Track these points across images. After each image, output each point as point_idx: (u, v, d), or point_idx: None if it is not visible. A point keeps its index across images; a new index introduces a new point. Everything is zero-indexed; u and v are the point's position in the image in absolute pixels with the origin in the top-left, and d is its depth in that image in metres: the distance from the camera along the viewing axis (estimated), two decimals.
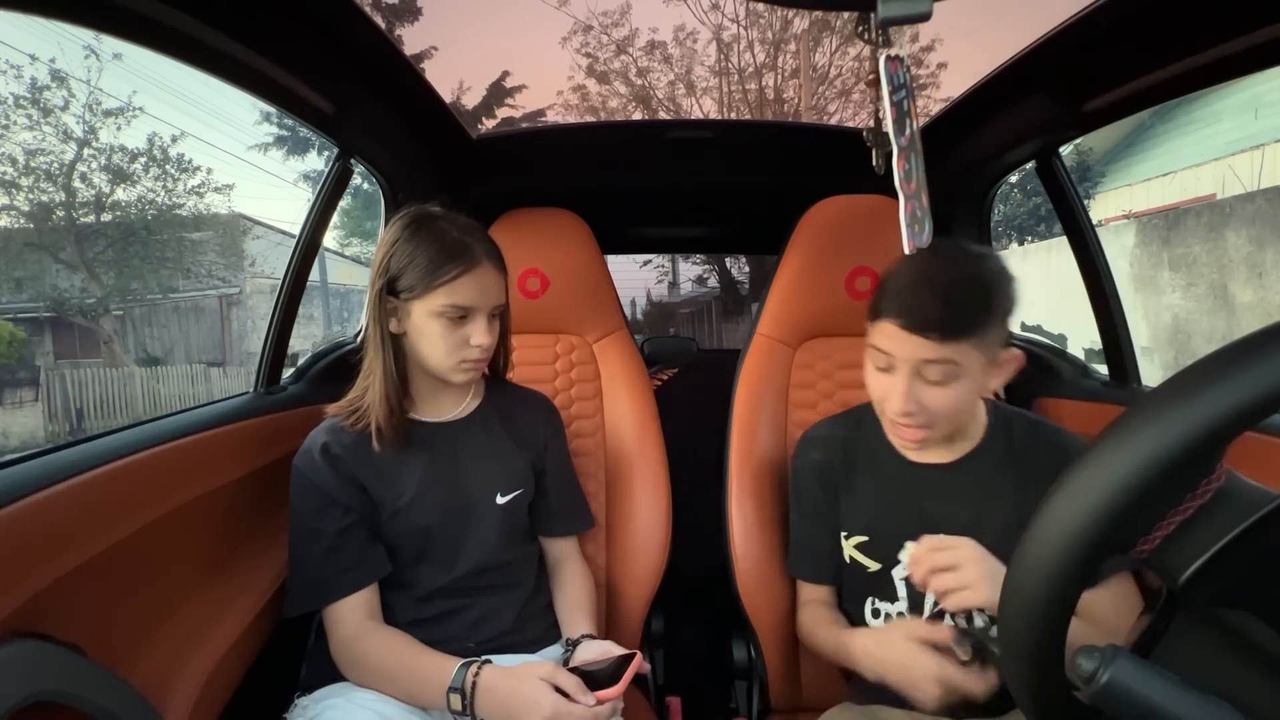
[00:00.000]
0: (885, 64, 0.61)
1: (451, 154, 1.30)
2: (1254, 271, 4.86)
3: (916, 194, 0.67)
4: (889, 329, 0.72)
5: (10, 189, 9.81)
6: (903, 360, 0.72)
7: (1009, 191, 10.60)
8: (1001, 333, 0.72)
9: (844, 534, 0.87)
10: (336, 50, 0.86)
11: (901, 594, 0.83)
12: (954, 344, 0.69)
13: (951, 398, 0.72)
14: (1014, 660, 0.38)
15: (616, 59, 11.29)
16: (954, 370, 0.70)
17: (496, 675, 0.72)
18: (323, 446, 0.82)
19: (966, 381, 0.71)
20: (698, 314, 11.80)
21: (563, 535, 0.99)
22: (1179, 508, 0.35)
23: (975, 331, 0.69)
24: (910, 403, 0.72)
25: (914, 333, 0.70)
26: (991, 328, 0.70)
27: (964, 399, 0.72)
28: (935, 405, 0.72)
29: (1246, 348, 0.30)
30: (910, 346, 0.71)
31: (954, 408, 0.73)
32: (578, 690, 0.71)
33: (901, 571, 0.82)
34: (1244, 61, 0.77)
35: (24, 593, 0.54)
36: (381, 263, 0.81)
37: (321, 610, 0.80)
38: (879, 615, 0.85)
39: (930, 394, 0.72)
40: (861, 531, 0.85)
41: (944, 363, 0.70)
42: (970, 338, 0.69)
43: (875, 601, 0.86)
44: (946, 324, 0.68)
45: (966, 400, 0.73)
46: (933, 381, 0.71)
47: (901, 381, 0.73)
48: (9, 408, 9.26)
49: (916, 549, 0.69)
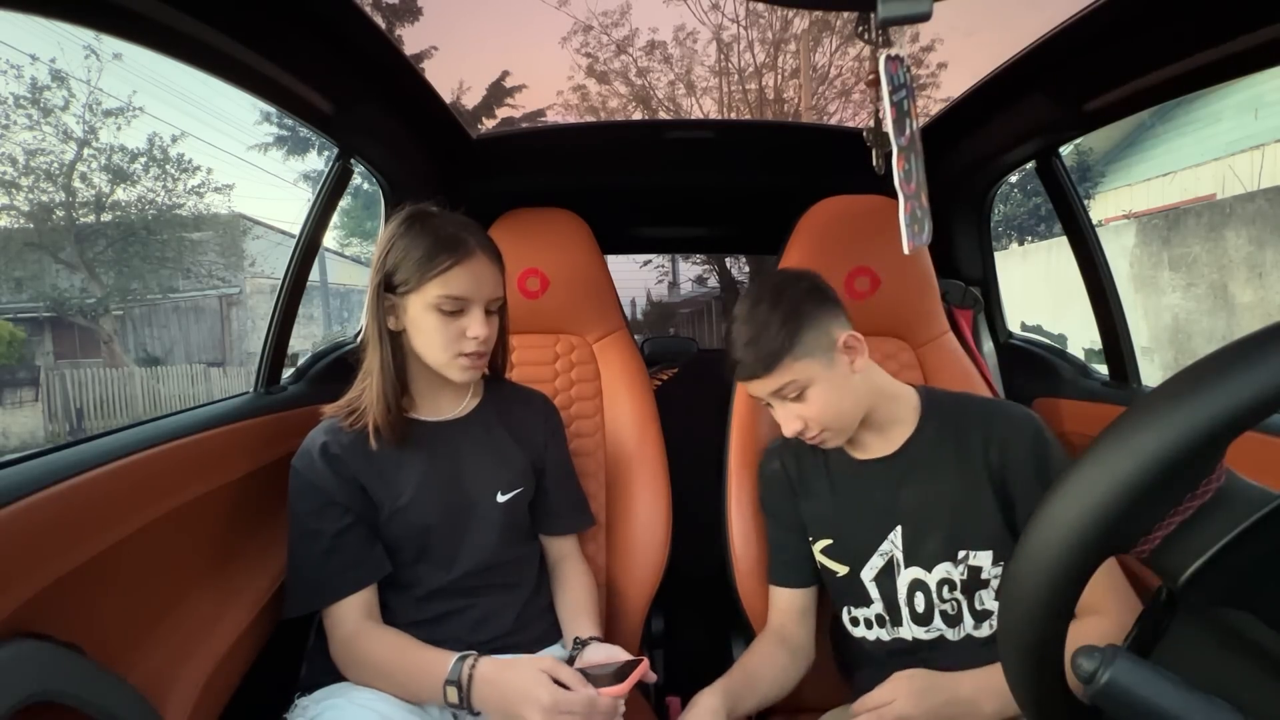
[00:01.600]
0: (885, 64, 0.61)
1: (451, 154, 1.30)
2: (1254, 271, 4.86)
3: (916, 194, 0.67)
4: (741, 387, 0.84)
5: (10, 189, 9.81)
6: (764, 398, 0.82)
7: (1009, 191, 10.60)
8: (817, 330, 0.78)
9: (811, 539, 0.89)
10: (336, 50, 0.86)
11: (874, 596, 0.84)
12: (774, 373, 0.77)
13: (819, 402, 0.79)
14: (1014, 660, 0.38)
15: (616, 59, 11.29)
16: (798, 384, 0.78)
17: (494, 667, 0.72)
18: (321, 447, 0.82)
19: (820, 385, 0.78)
20: (698, 314, 11.79)
21: (563, 533, 0.99)
22: (1179, 508, 0.35)
23: (785, 353, 0.77)
24: (793, 421, 0.80)
25: (748, 381, 0.80)
26: (797, 340, 0.77)
27: (832, 397, 0.79)
28: (812, 414, 0.79)
29: (1246, 348, 0.30)
30: (756, 391, 0.81)
31: (828, 407, 0.79)
32: (577, 682, 0.71)
33: (869, 573, 0.84)
34: (1244, 61, 0.77)
35: (24, 593, 0.54)
36: (379, 260, 0.81)
37: (321, 611, 0.80)
38: (859, 624, 0.86)
39: (801, 409, 0.79)
40: (826, 534, 0.87)
41: (786, 384, 0.78)
42: (782, 361, 0.77)
43: (852, 609, 0.86)
44: (757, 365, 0.78)
45: (837, 395, 0.79)
46: (794, 399, 0.79)
47: (778, 410, 0.82)
48: (9, 408, 9.25)
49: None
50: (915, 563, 0.81)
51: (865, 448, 0.87)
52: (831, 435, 0.81)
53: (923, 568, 0.81)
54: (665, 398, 1.27)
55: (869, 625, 0.85)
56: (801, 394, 0.79)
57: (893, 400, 0.85)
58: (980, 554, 0.79)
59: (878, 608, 0.84)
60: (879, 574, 0.83)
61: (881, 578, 0.83)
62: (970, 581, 0.79)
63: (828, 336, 0.79)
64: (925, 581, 0.81)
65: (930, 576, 0.80)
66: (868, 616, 0.85)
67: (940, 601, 0.80)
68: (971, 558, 0.79)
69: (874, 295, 1.10)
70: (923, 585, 0.81)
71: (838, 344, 0.79)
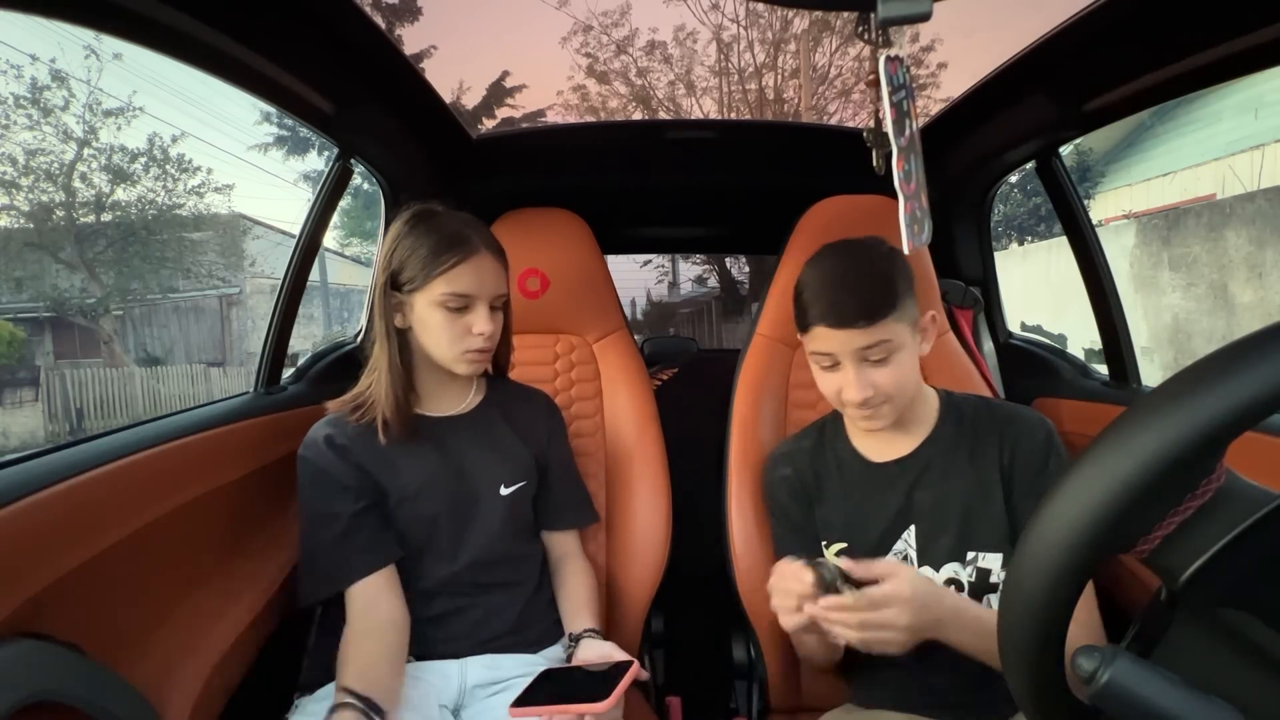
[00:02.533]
0: (885, 64, 0.61)
1: (451, 154, 1.30)
2: (1254, 271, 4.86)
3: (916, 194, 0.67)
4: (820, 331, 0.78)
5: (10, 189, 9.81)
6: (844, 354, 0.77)
7: (1009, 191, 10.60)
8: (913, 301, 0.78)
9: (824, 542, 0.88)
10: (336, 50, 0.86)
11: None
12: (881, 324, 0.75)
13: (897, 371, 0.77)
14: (1014, 660, 0.38)
15: (616, 59, 11.30)
16: (891, 346, 0.76)
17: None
18: (327, 437, 0.83)
19: (905, 353, 0.77)
20: (698, 314, 11.79)
21: (566, 528, 0.99)
22: (1179, 508, 0.35)
23: (892, 307, 0.75)
24: (865, 388, 0.77)
25: (843, 327, 0.76)
26: (901, 299, 0.76)
27: (908, 370, 0.78)
28: (885, 382, 0.77)
29: (1246, 348, 0.30)
30: (844, 340, 0.76)
31: (903, 379, 0.78)
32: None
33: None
34: (1244, 61, 0.77)
35: (24, 593, 0.54)
36: (385, 259, 0.83)
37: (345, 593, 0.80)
38: None
39: (878, 374, 0.77)
40: (839, 537, 0.86)
41: (880, 343, 0.76)
42: (893, 312, 0.75)
43: None
44: (868, 310, 0.75)
45: (910, 370, 0.78)
46: (876, 362, 0.77)
47: (850, 373, 0.77)
48: (9, 408, 9.26)
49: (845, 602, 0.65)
50: (927, 561, 0.81)
51: (880, 449, 0.86)
52: (889, 411, 0.79)
53: (933, 567, 0.81)
54: (665, 398, 1.27)
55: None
56: (887, 358, 0.76)
57: (921, 401, 0.85)
58: (990, 556, 0.79)
59: None
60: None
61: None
62: (979, 584, 0.79)
63: (915, 309, 0.79)
64: (934, 580, 0.81)
65: (938, 576, 0.80)
66: None
67: None
68: (981, 559, 0.79)
69: None
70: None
71: (921, 319, 0.80)
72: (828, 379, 0.81)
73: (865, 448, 0.87)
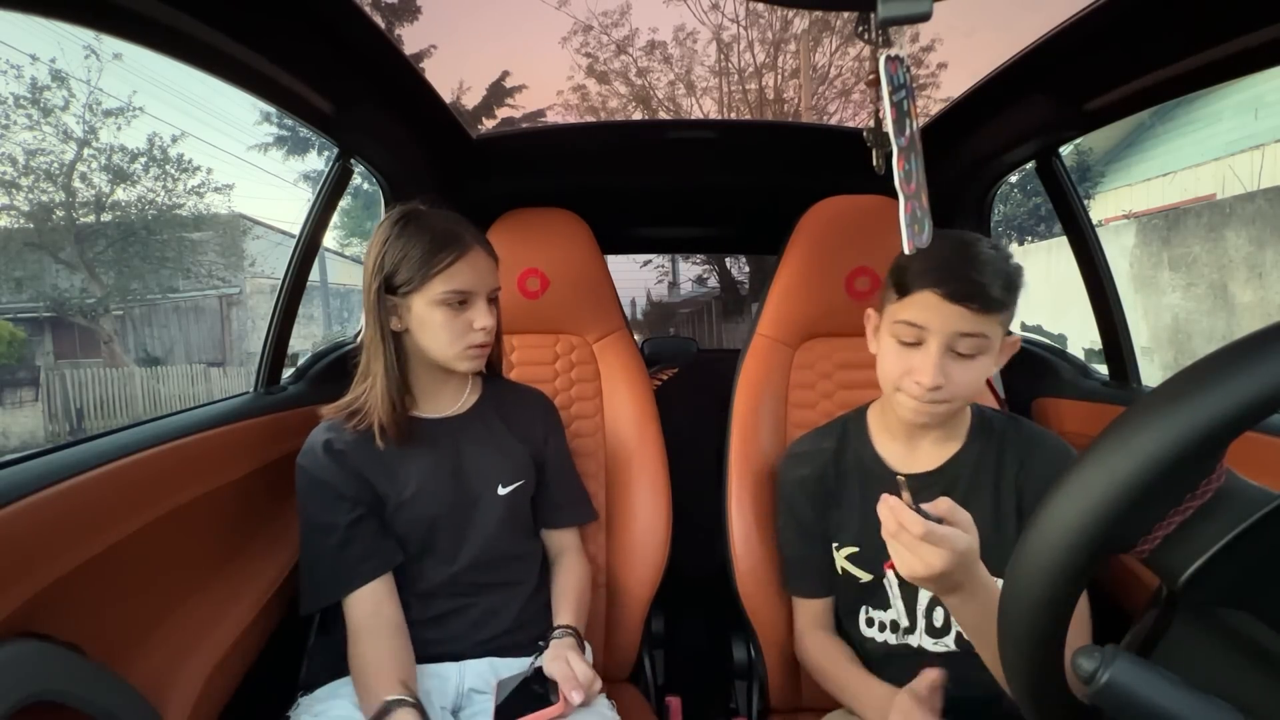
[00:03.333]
0: (885, 64, 0.61)
1: (451, 154, 1.30)
2: (1254, 271, 4.86)
3: (916, 194, 0.67)
4: (926, 299, 0.71)
5: (10, 189, 9.81)
6: (936, 332, 0.71)
7: (1009, 191, 10.60)
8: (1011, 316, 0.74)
9: (835, 545, 0.88)
10: (336, 50, 0.86)
11: (895, 602, 0.83)
12: (989, 317, 0.70)
13: (977, 373, 0.72)
14: (1014, 660, 0.38)
15: (616, 59, 11.30)
16: (984, 344, 0.71)
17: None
18: (325, 444, 0.82)
19: (988, 359, 0.72)
20: (698, 314, 11.79)
21: (565, 526, 0.99)
22: (1179, 508, 0.35)
23: (1007, 307, 0.71)
24: (940, 375, 0.71)
25: (955, 302, 0.69)
26: (1012, 307, 0.72)
27: (983, 376, 0.73)
28: (962, 380, 0.72)
29: (1246, 348, 0.30)
30: (948, 317, 0.70)
31: (977, 384, 0.73)
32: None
33: (895, 580, 0.83)
34: (1244, 61, 0.77)
35: (24, 593, 0.54)
36: (375, 263, 0.81)
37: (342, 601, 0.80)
38: (873, 625, 0.86)
39: (959, 368, 0.72)
40: (852, 542, 0.86)
41: (977, 336, 0.70)
42: (1002, 312, 0.71)
43: (869, 610, 0.86)
44: (988, 295, 0.68)
45: (982, 380, 0.74)
46: (962, 355, 0.71)
47: (934, 353, 0.71)
48: (9, 408, 9.25)
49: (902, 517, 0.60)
50: None
51: (905, 459, 0.84)
52: (945, 412, 0.76)
53: None
54: (665, 398, 1.27)
55: (883, 629, 0.84)
56: (975, 355, 0.71)
57: (958, 422, 0.83)
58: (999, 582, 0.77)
59: (895, 614, 0.83)
60: (904, 583, 0.82)
61: (906, 586, 0.82)
62: None
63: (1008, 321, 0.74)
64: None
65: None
66: (883, 620, 0.84)
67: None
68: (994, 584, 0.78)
69: (875, 295, 1.10)
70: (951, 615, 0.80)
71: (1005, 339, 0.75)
72: (899, 356, 0.75)
73: (890, 455, 0.85)
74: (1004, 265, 0.72)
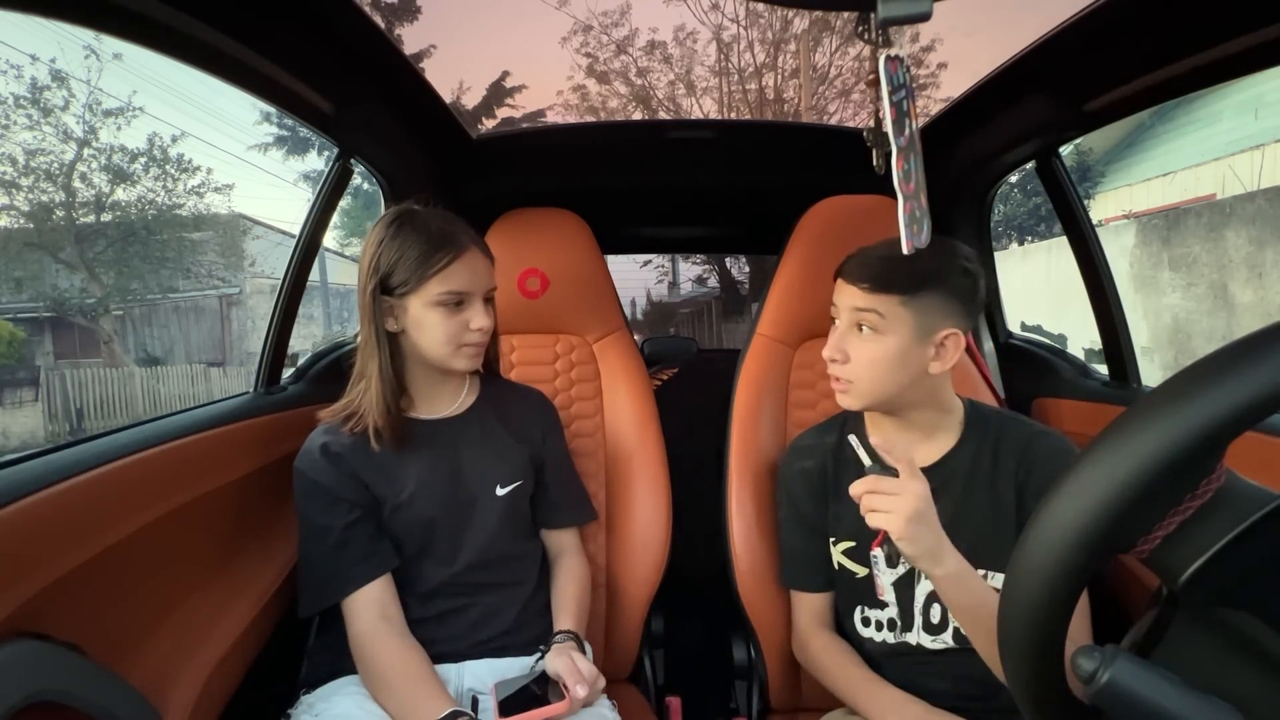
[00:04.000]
0: (885, 64, 0.61)
1: (451, 154, 1.30)
2: (1254, 271, 4.86)
3: (916, 194, 0.67)
4: (839, 285, 0.80)
5: (10, 189, 9.81)
6: (841, 309, 0.80)
7: (1009, 191, 10.60)
8: (942, 310, 0.75)
9: (832, 539, 0.88)
10: (336, 50, 0.86)
11: (890, 599, 0.83)
12: (881, 295, 0.75)
13: (874, 352, 0.77)
14: (1014, 660, 0.38)
15: (616, 59, 11.30)
16: (879, 322, 0.76)
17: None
18: (322, 446, 0.82)
19: (891, 339, 0.76)
20: (698, 314, 11.79)
21: (565, 526, 0.99)
22: (1179, 508, 0.35)
23: (904, 289, 0.74)
24: (836, 350, 0.79)
25: (849, 282, 0.78)
26: (926, 295, 0.74)
27: (888, 366, 0.77)
28: (858, 355, 0.78)
29: (1246, 348, 0.30)
30: (846, 295, 0.79)
31: (877, 371, 0.77)
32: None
33: (890, 577, 0.83)
34: (1244, 61, 0.77)
35: (24, 593, 0.54)
36: (370, 264, 0.81)
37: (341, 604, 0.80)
38: (869, 624, 0.86)
39: (857, 346, 0.78)
40: (848, 536, 0.86)
41: (869, 311, 0.76)
42: (897, 294, 0.74)
43: (865, 610, 0.86)
44: (875, 276, 0.75)
45: (889, 366, 0.77)
46: (859, 335, 0.78)
47: (838, 330, 0.80)
48: (9, 408, 9.25)
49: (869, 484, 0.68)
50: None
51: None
52: (852, 394, 0.79)
53: None
54: (665, 398, 1.27)
55: (879, 627, 0.84)
56: (873, 335, 0.76)
57: (944, 412, 0.83)
58: (997, 576, 0.77)
59: (891, 612, 0.83)
60: (899, 580, 0.82)
61: (901, 584, 0.82)
62: None
63: (937, 319, 0.75)
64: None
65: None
66: (879, 619, 0.84)
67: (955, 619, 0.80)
68: (990, 578, 0.77)
69: None
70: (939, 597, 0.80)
71: (937, 333, 0.76)
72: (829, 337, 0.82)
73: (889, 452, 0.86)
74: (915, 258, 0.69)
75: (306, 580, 0.82)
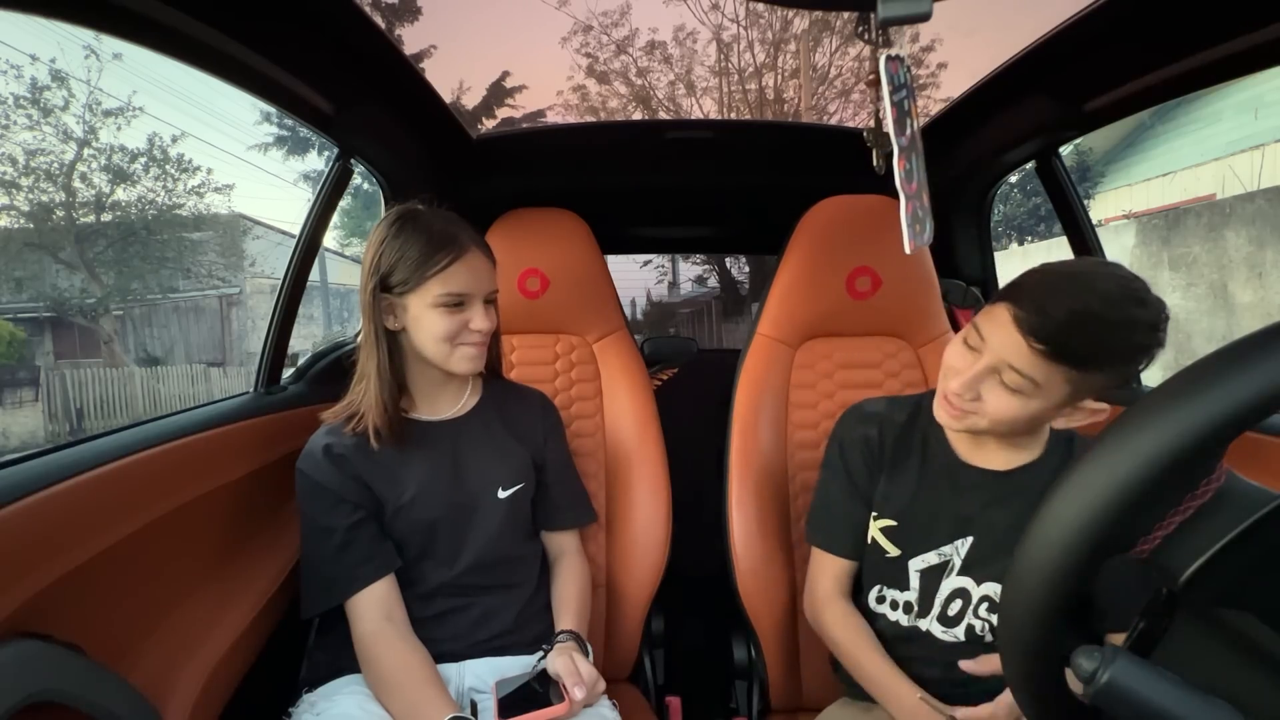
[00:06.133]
0: (885, 64, 0.61)
1: (451, 154, 1.30)
2: (1254, 271, 4.86)
3: (917, 194, 0.67)
4: (1001, 314, 0.67)
5: (10, 189, 9.81)
6: (989, 345, 0.68)
7: (1009, 191, 10.60)
8: (1102, 384, 0.67)
9: (874, 514, 0.86)
10: (336, 50, 0.86)
11: (914, 584, 0.82)
12: (1051, 366, 0.64)
13: (1011, 409, 0.69)
14: (1014, 660, 0.38)
15: (616, 59, 11.30)
16: (1031, 388, 0.66)
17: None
18: (325, 447, 0.82)
19: (1036, 403, 0.68)
20: (698, 314, 11.79)
21: (565, 528, 0.99)
22: (1179, 508, 0.35)
23: (1079, 365, 0.64)
24: (970, 390, 0.70)
25: (1020, 330, 0.65)
26: (1097, 370, 0.65)
27: (1022, 416, 0.69)
28: (991, 407, 0.70)
29: (1246, 348, 0.30)
30: (1007, 341, 0.66)
31: (1007, 418, 0.70)
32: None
33: (919, 564, 0.82)
34: (1244, 61, 0.77)
35: (24, 593, 0.54)
36: (372, 263, 0.81)
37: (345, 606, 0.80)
38: (884, 602, 0.85)
39: (994, 394, 0.69)
40: (892, 516, 0.84)
41: (1026, 377, 0.66)
42: (1071, 368, 0.64)
43: (884, 589, 0.85)
44: (1053, 340, 0.63)
45: (1024, 419, 0.69)
46: (1004, 385, 0.68)
47: (976, 368, 0.69)
48: (9, 408, 9.25)
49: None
50: (968, 573, 0.80)
51: (975, 451, 0.81)
52: (964, 423, 0.73)
53: (973, 579, 0.79)
54: (665, 398, 1.27)
55: (894, 607, 0.84)
56: (1017, 394, 0.67)
57: (1035, 435, 0.80)
58: None
59: (911, 595, 0.83)
60: (929, 569, 0.82)
61: (929, 572, 0.82)
62: None
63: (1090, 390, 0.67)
64: (969, 592, 0.80)
65: (976, 590, 0.79)
66: (897, 600, 0.84)
67: (974, 616, 0.79)
68: None
69: (875, 295, 1.10)
70: (965, 594, 0.80)
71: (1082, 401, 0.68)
72: (958, 353, 0.73)
73: (959, 442, 0.83)
74: (1105, 328, 0.62)
75: (309, 581, 0.82)
